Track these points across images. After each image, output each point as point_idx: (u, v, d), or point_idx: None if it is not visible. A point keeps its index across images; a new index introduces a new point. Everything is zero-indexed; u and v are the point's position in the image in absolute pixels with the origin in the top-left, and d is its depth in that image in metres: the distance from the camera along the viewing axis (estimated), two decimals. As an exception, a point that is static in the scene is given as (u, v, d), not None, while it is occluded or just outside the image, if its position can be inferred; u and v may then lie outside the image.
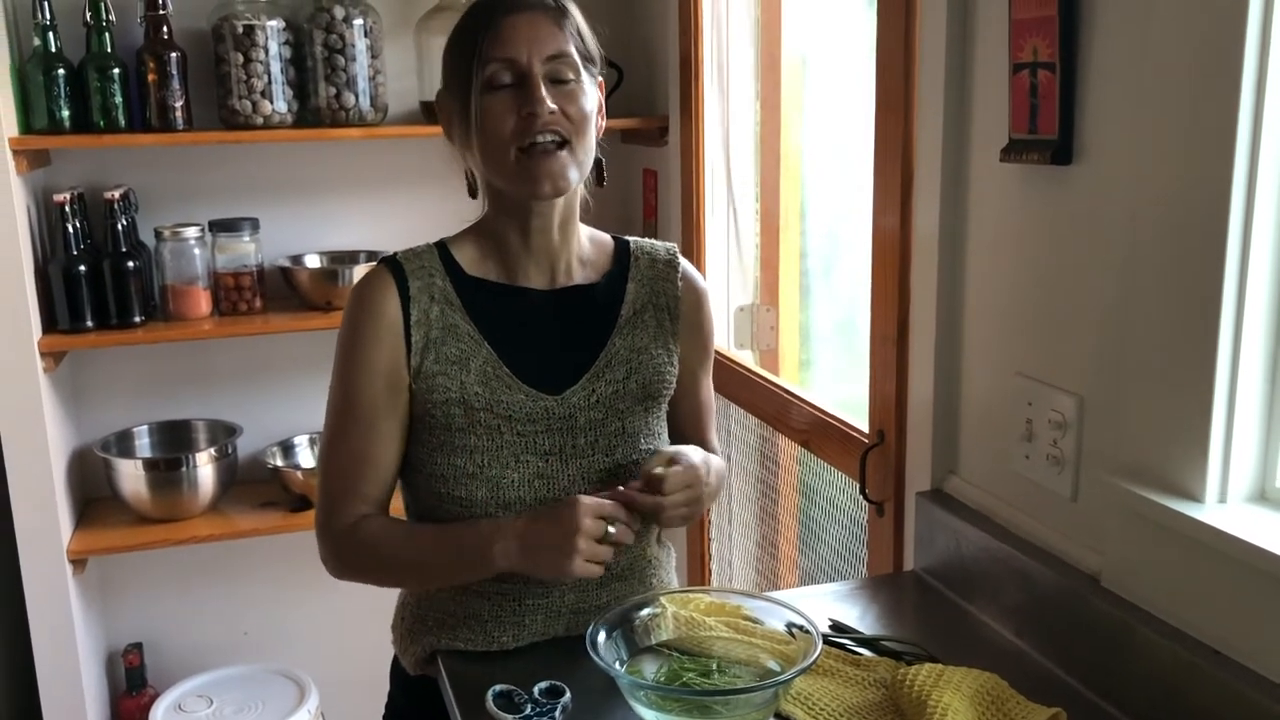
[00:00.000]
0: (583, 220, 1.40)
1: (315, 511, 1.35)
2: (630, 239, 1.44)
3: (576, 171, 1.29)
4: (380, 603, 1.65)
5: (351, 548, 1.33)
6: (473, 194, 1.37)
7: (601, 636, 1.17)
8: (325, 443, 1.35)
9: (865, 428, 1.74)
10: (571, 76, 1.27)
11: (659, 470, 1.28)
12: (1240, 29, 1.01)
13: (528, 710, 1.17)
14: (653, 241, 1.44)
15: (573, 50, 1.27)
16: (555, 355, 1.34)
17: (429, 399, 1.29)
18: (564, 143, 1.26)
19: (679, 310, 1.40)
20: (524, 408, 1.30)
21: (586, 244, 1.40)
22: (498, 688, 1.21)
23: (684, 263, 1.43)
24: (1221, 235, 1.05)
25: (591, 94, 1.30)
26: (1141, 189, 1.13)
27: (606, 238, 1.43)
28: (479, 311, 1.32)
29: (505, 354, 1.31)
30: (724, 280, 2.40)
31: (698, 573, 2.49)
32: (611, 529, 1.23)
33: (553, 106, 1.24)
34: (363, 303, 1.31)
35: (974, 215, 1.42)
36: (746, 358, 2.32)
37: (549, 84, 1.25)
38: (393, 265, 1.33)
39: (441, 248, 1.36)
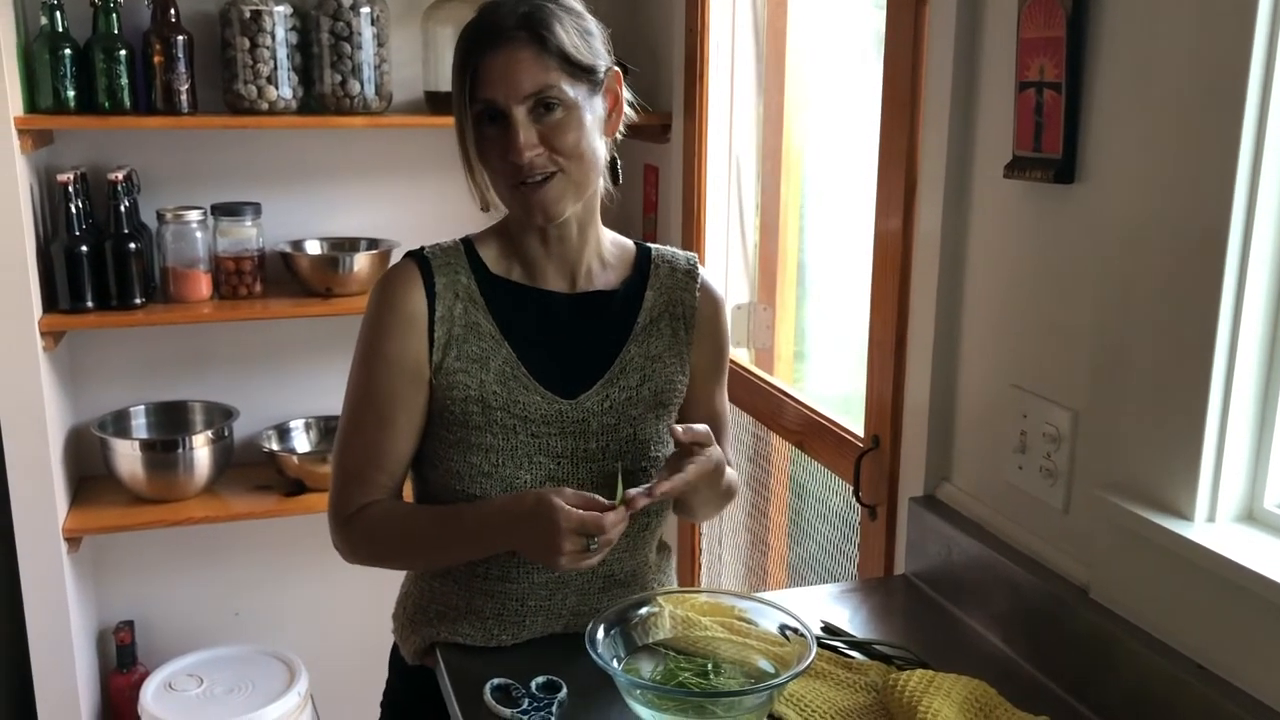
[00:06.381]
0: None
1: (328, 497, 1.37)
2: (652, 246, 1.45)
3: (572, 195, 1.29)
4: (371, 588, 1.67)
5: (358, 532, 1.34)
6: (485, 208, 1.37)
7: (600, 634, 1.19)
8: (341, 430, 1.36)
9: (859, 430, 1.76)
10: (557, 105, 1.25)
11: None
12: (1245, 55, 1.03)
13: (525, 705, 1.19)
14: (674, 250, 1.45)
15: (557, 78, 1.25)
16: (572, 359, 1.35)
17: (449, 395, 1.31)
18: (553, 174, 1.26)
19: (695, 321, 1.41)
20: (539, 409, 1.32)
21: (609, 246, 1.41)
22: (495, 681, 1.23)
23: (703, 273, 1.44)
24: (1219, 258, 1.07)
25: (589, 110, 1.28)
26: (1142, 210, 1.16)
27: (629, 243, 1.44)
28: (500, 311, 1.34)
29: (524, 355, 1.33)
30: (723, 278, 2.42)
31: (688, 568, 2.52)
32: (593, 544, 1.21)
33: (537, 148, 1.24)
34: (388, 295, 1.32)
35: (975, 227, 1.45)
36: (742, 356, 2.34)
37: (537, 115, 1.25)
38: (420, 260, 1.34)
39: (468, 244, 1.37)
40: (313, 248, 2.57)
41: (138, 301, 2.30)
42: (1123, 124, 1.19)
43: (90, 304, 2.26)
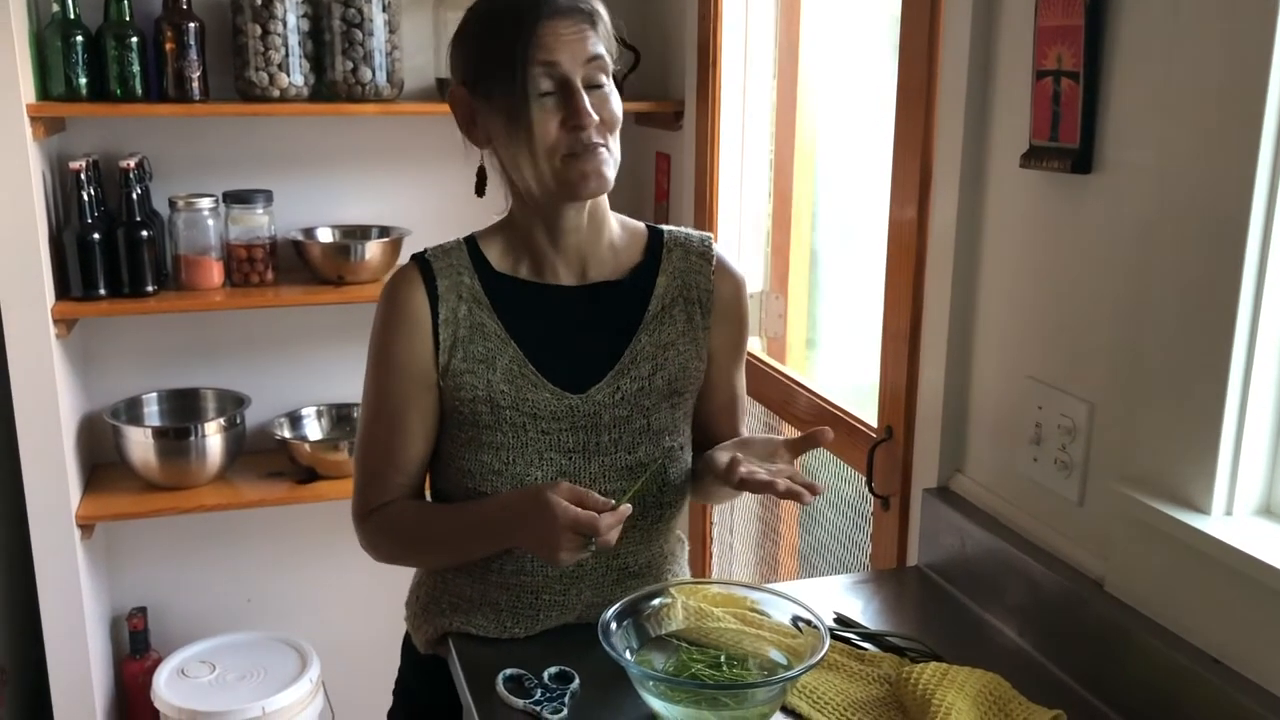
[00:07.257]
0: None
1: (351, 498, 1.39)
2: (665, 228, 1.43)
3: (612, 169, 1.29)
4: (383, 576, 1.67)
5: (375, 531, 1.37)
6: (479, 193, 1.37)
7: (613, 626, 1.19)
8: (359, 432, 1.39)
9: (872, 420, 1.76)
10: (604, 79, 1.27)
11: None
12: (1268, 44, 1.01)
13: (537, 695, 1.19)
14: (687, 231, 1.43)
15: (605, 53, 1.27)
16: (581, 352, 1.34)
17: (456, 396, 1.31)
18: (599, 146, 1.26)
19: (711, 303, 1.39)
20: (549, 406, 1.31)
21: (618, 231, 1.39)
22: (508, 671, 1.23)
23: (718, 253, 1.41)
24: (1239, 250, 1.06)
25: (616, 92, 1.30)
26: (1160, 201, 1.14)
27: (640, 226, 1.42)
28: (506, 309, 1.33)
29: (531, 352, 1.32)
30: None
31: (699, 557, 2.52)
32: (591, 546, 1.21)
33: (595, 117, 1.25)
34: (392, 302, 1.32)
35: (991, 217, 1.43)
36: (754, 344, 2.34)
37: (586, 89, 1.25)
38: (421, 264, 1.34)
39: (471, 243, 1.37)
40: (324, 235, 2.56)
41: (150, 289, 2.30)
42: (1141, 114, 1.18)
43: (102, 291, 2.26)
